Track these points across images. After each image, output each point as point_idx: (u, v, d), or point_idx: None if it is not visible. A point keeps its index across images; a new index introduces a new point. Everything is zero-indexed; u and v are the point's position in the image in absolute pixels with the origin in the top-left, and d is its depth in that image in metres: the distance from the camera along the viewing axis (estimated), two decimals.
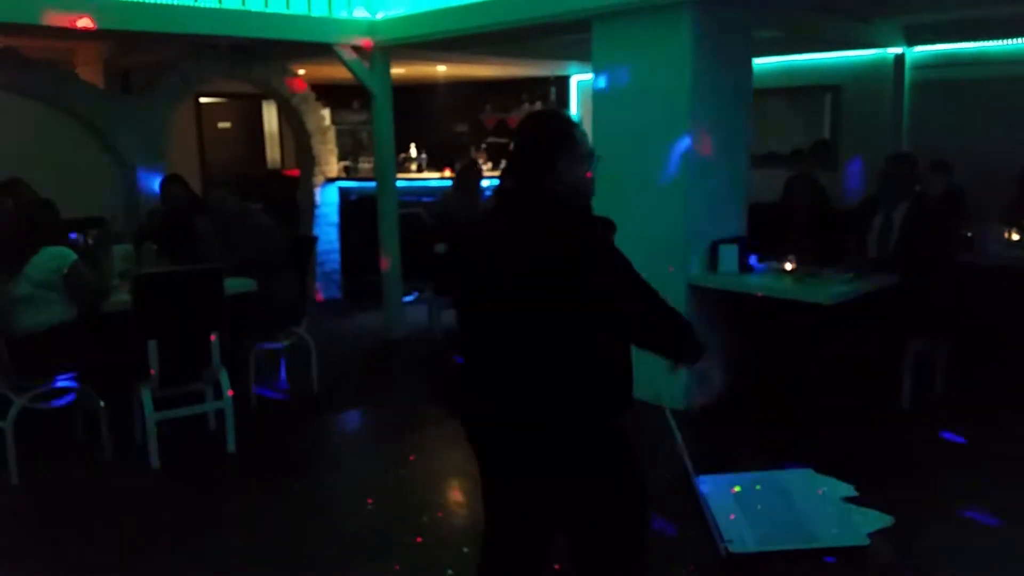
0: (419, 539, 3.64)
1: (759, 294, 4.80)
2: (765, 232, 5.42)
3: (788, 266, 4.92)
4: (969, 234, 5.74)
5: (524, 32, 6.02)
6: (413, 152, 9.53)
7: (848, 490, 2.11)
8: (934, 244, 4.90)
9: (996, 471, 4.14)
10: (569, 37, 6.49)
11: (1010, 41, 6.98)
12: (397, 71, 7.79)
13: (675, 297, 4.97)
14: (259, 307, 5.17)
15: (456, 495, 4.22)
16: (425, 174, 9.36)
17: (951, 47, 7.37)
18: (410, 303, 7.36)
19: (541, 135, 2.27)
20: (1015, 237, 5.68)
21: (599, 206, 2.23)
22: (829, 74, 8.08)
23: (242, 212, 5.51)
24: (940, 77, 7.46)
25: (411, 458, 4.57)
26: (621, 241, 2.18)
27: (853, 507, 2.01)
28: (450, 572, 3.32)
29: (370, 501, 4.04)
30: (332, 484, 4.36)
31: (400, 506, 4.00)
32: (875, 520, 1.93)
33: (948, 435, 4.51)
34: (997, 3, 6.26)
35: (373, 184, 7.16)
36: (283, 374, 5.90)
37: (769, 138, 8.07)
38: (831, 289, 4.55)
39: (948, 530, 3.61)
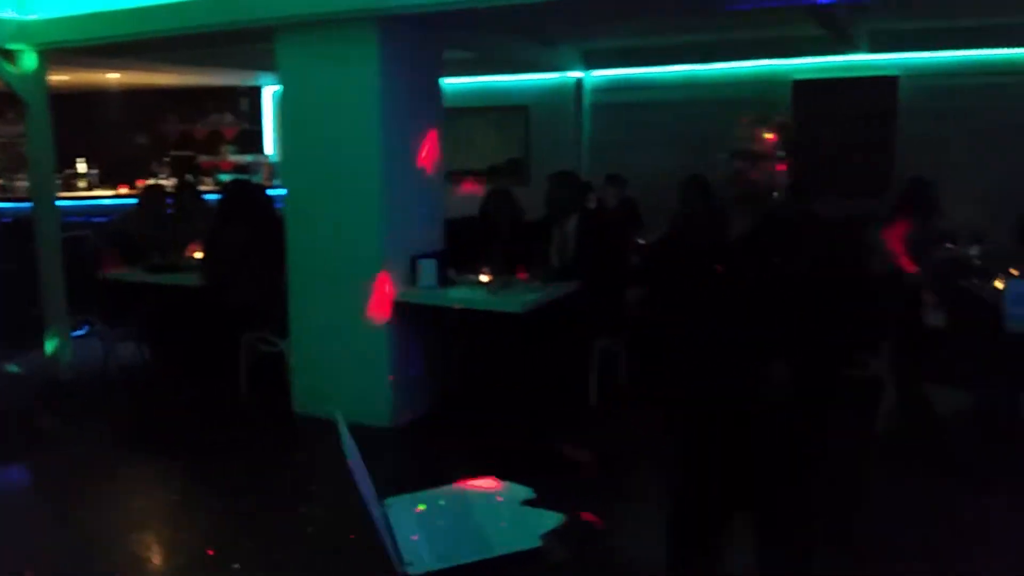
0: None
1: (457, 306, 4.85)
2: (462, 246, 5.52)
3: (484, 278, 5.04)
4: (641, 241, 6.30)
5: (199, 40, 5.61)
6: (82, 167, 8.54)
7: (527, 493, 2.13)
8: (608, 250, 5.27)
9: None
10: (256, 46, 6.17)
11: (673, 68, 7.82)
12: (61, 77, 6.96)
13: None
14: None
15: (136, 548, 3.76)
16: (97, 192, 8.43)
17: (624, 72, 8.10)
18: (80, 337, 6.53)
19: None
20: None
21: (292, 221, 2.06)
22: (519, 95, 8.53)
23: None
24: (614, 100, 8.18)
25: (80, 512, 4.01)
26: (317, 258, 2.04)
27: (529, 509, 2.03)
28: None
29: (32, 567, 3.46)
30: None
31: (71, 566, 3.51)
32: (548, 520, 1.96)
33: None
34: (663, 32, 6.97)
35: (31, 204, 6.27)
36: None
37: (466, 155, 8.34)
38: (521, 298, 4.71)
39: (636, 522, 3.75)
